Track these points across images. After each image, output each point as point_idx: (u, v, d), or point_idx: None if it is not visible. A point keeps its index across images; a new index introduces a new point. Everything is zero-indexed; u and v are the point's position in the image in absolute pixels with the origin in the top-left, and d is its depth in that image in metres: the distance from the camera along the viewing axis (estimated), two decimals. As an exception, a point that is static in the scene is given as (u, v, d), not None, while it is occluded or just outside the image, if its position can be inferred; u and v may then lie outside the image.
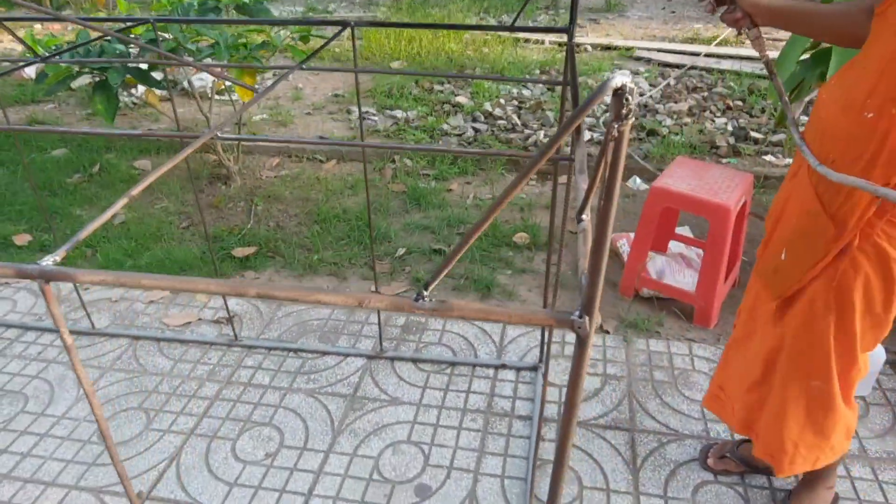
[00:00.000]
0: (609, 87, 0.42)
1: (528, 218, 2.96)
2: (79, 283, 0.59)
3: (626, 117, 0.43)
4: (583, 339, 0.55)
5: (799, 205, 1.21)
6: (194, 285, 0.59)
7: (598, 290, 0.52)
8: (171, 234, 2.94)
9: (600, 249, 0.50)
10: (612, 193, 0.47)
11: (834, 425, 1.23)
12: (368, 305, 0.57)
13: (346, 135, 3.90)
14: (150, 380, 2.13)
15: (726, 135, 3.42)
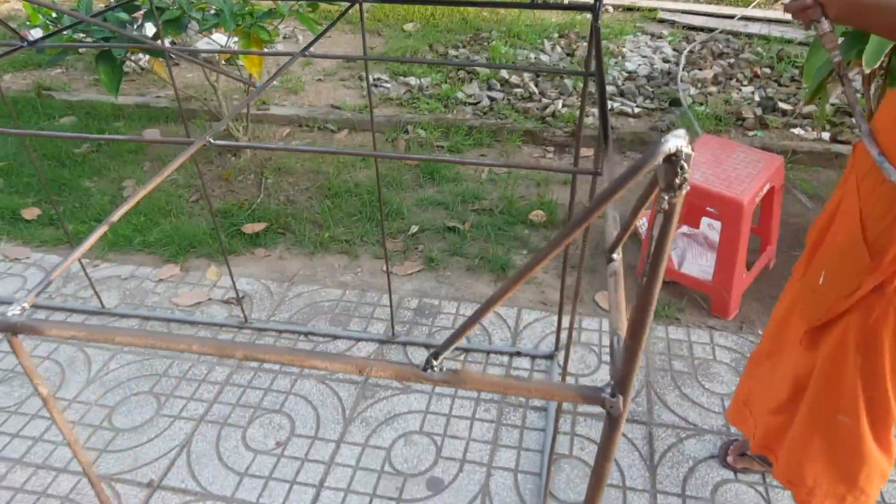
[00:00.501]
0: (661, 152, 0.34)
1: (545, 194, 2.86)
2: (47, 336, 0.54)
3: (679, 187, 0.36)
4: (614, 419, 0.48)
5: (843, 224, 1.11)
6: (175, 343, 0.53)
7: (635, 367, 0.45)
8: (180, 208, 2.89)
9: (641, 326, 0.43)
10: (657, 273, 0.40)
11: (861, 468, 1.16)
12: (371, 373, 0.50)
13: (359, 103, 3.79)
14: (161, 363, 2.11)
15: (753, 105, 3.26)
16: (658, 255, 0.39)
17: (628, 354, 0.44)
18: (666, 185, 0.36)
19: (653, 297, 0.41)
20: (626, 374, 0.45)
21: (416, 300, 2.32)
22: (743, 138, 3.04)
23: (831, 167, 2.90)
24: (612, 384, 0.47)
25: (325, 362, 0.51)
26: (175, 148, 3.37)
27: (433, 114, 3.57)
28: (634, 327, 0.43)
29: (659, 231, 0.37)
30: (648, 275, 0.40)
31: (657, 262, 0.39)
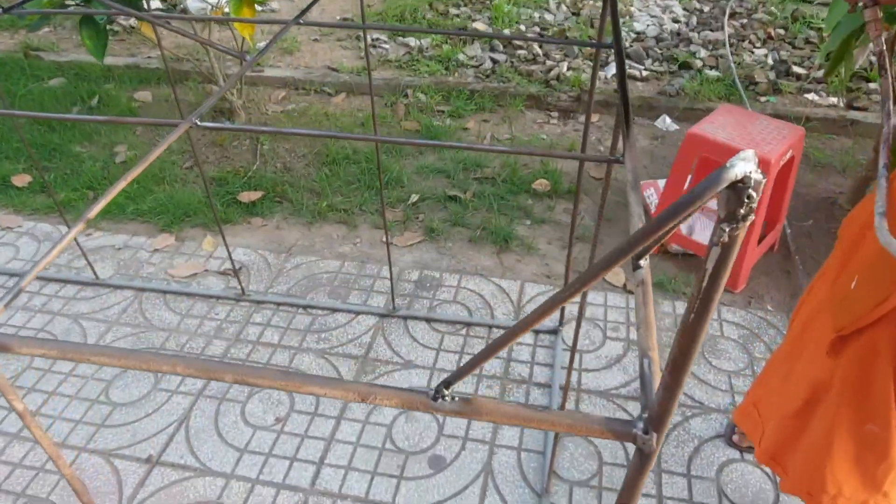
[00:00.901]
0: (725, 178, 0.29)
1: (548, 162, 2.78)
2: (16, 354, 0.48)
3: (743, 218, 0.30)
4: (646, 456, 0.43)
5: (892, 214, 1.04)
6: (155, 364, 0.47)
7: (673, 405, 0.40)
8: (174, 175, 2.81)
9: (685, 364, 0.38)
10: (708, 310, 0.34)
11: (887, 473, 1.12)
12: (375, 401, 0.45)
13: (356, 64, 3.66)
14: (157, 335, 2.07)
15: (766, 69, 3.14)
16: (711, 291, 0.33)
17: (667, 393, 0.39)
18: (727, 215, 0.30)
19: (700, 335, 0.36)
20: (662, 412, 0.40)
21: (416, 272, 2.27)
22: (755, 104, 2.94)
23: (846, 135, 2.82)
24: (645, 419, 0.42)
25: (324, 389, 0.46)
26: (168, 111, 3.27)
27: (433, 76, 3.46)
28: (676, 365, 0.38)
29: (715, 265, 0.32)
30: (698, 311, 0.34)
31: (709, 298, 0.33)
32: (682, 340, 0.36)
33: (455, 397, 0.45)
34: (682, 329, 0.36)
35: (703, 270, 0.33)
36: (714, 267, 0.32)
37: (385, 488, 1.62)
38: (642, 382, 0.46)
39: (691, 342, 0.36)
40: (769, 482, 1.56)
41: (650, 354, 0.47)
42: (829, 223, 2.33)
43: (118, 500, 1.62)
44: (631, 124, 0.74)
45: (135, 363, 0.47)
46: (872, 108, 2.86)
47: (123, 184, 0.72)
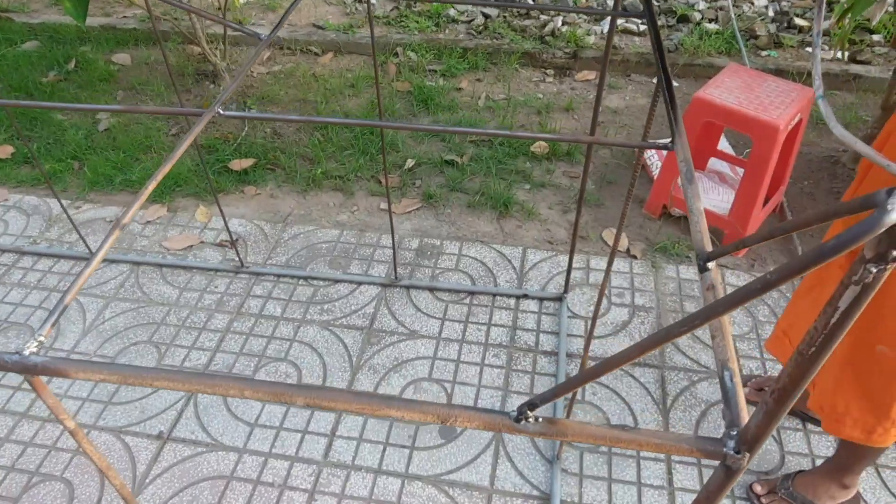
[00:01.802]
0: (885, 222, 0.27)
1: (546, 123, 2.74)
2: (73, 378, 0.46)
3: (893, 260, 0.28)
4: (732, 472, 0.43)
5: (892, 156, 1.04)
6: (223, 388, 0.46)
7: (772, 431, 0.39)
8: (160, 144, 2.73)
9: (792, 395, 0.37)
10: (831, 345, 0.33)
11: (894, 401, 1.15)
12: (456, 423, 0.44)
13: (343, 21, 3.54)
14: (157, 310, 2.04)
15: (766, 21, 3.09)
16: (838, 329, 0.32)
17: (767, 419, 0.38)
18: (876, 256, 0.28)
19: (814, 371, 0.35)
20: (759, 435, 0.40)
21: (416, 240, 2.25)
22: (756, 59, 2.90)
23: (848, 90, 2.80)
24: (737, 438, 0.42)
25: (401, 411, 0.44)
26: (149, 76, 3.14)
27: (424, 33, 3.36)
28: (784, 395, 0.37)
29: (850, 305, 0.30)
30: (819, 345, 0.33)
31: (834, 335, 0.32)
32: (796, 372, 0.35)
33: (539, 418, 0.44)
34: (797, 361, 0.35)
35: (835, 307, 0.31)
36: (849, 306, 0.31)
37: (398, 458, 1.64)
38: (725, 397, 0.46)
39: (804, 374, 0.35)
40: (775, 444, 1.61)
41: (730, 366, 0.46)
42: (831, 182, 2.33)
43: (132, 477, 1.63)
44: (677, 108, 0.72)
45: (194, 385, 0.46)
46: (876, 62, 2.83)
47: (153, 184, 0.69)
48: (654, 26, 0.87)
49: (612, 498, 1.52)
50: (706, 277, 0.54)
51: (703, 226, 0.58)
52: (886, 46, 2.93)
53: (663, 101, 0.74)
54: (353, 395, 0.45)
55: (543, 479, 1.57)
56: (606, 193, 2.39)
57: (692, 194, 0.60)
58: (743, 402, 0.44)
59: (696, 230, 0.58)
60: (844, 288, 0.30)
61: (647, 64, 2.99)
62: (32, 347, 0.50)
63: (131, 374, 0.47)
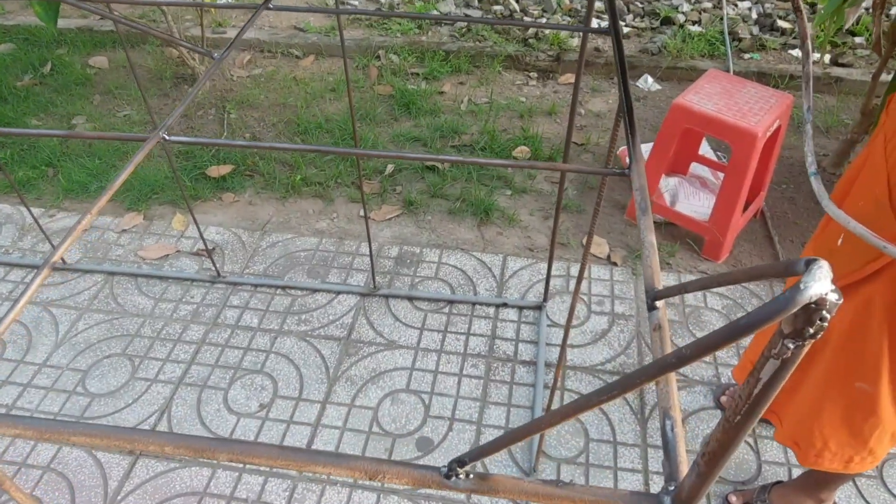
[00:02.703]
0: (799, 301, 0.25)
1: (529, 127, 2.73)
2: None
3: (811, 336, 0.27)
4: (672, 527, 0.41)
5: (867, 186, 1.03)
6: (143, 444, 0.43)
7: (705, 491, 0.38)
8: (137, 150, 2.68)
9: (721, 460, 0.35)
10: (753, 417, 0.31)
11: (873, 430, 1.14)
12: (385, 480, 0.42)
13: (325, 24, 3.50)
14: (131, 322, 2.01)
15: (749, 23, 3.08)
16: (761, 400, 0.30)
17: (699, 480, 0.37)
18: (793, 332, 0.27)
19: (742, 437, 0.33)
20: (693, 496, 0.38)
21: (396, 248, 2.23)
22: (739, 62, 2.89)
23: (830, 93, 2.79)
24: (673, 496, 0.40)
25: (328, 468, 0.42)
26: (127, 80, 3.10)
27: (406, 36, 3.33)
28: (713, 458, 0.35)
29: (770, 378, 0.29)
30: (744, 414, 0.31)
31: (758, 405, 0.30)
32: (724, 438, 0.34)
33: (470, 474, 0.42)
34: (724, 427, 0.33)
35: (756, 378, 0.30)
36: (769, 380, 0.29)
37: (374, 472, 1.62)
38: (665, 448, 0.44)
39: (732, 441, 0.33)
40: (751, 452, 1.60)
41: (672, 415, 0.45)
42: (812, 187, 2.33)
43: (104, 494, 1.60)
44: (636, 132, 0.70)
45: (122, 443, 0.43)
46: (858, 65, 2.83)
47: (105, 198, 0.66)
48: (618, 44, 0.85)
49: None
50: (653, 316, 0.52)
51: (654, 261, 0.56)
52: (868, 49, 2.93)
53: (624, 125, 0.72)
54: (278, 449, 0.43)
55: (520, 492, 1.55)
56: (588, 200, 2.38)
57: (644, 226, 0.59)
58: (683, 455, 0.43)
59: (646, 265, 0.56)
60: (765, 360, 0.29)
61: (631, 67, 2.97)
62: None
63: (48, 429, 0.44)
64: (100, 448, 1.56)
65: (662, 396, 0.46)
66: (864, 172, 1.06)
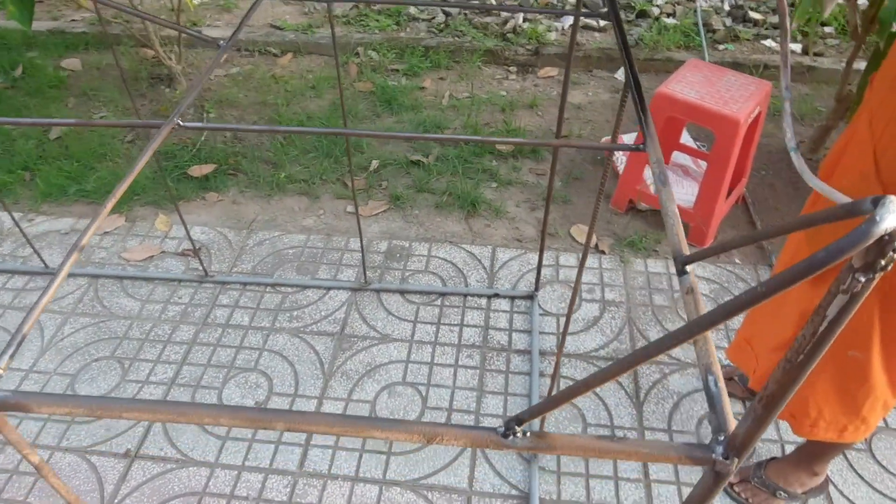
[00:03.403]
0: (874, 233, 0.27)
1: (511, 120, 2.75)
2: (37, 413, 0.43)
3: (882, 269, 0.28)
4: (721, 476, 0.43)
5: (854, 161, 1.07)
6: (199, 417, 0.43)
7: (760, 435, 0.39)
8: (115, 151, 2.64)
9: (781, 400, 0.36)
10: (819, 353, 0.33)
11: (866, 398, 1.17)
12: (442, 442, 0.43)
13: (301, 21, 3.48)
14: (119, 324, 1.98)
15: (722, 15, 3.15)
16: (826, 336, 0.32)
17: (756, 425, 0.38)
18: (864, 265, 0.28)
19: (802, 378, 0.34)
20: (748, 440, 0.39)
21: (385, 243, 2.23)
22: (714, 53, 2.95)
23: (803, 82, 2.87)
24: (725, 443, 0.41)
25: (386, 432, 0.43)
26: (101, 82, 3.04)
27: (384, 32, 3.33)
28: (772, 401, 0.36)
29: (838, 313, 0.30)
30: (808, 353, 0.33)
31: (822, 343, 0.32)
32: (785, 379, 0.35)
33: (526, 433, 0.43)
34: (785, 368, 0.35)
35: (822, 316, 0.31)
36: (836, 315, 0.30)
37: (374, 465, 1.62)
38: (710, 402, 0.45)
39: (793, 381, 0.35)
40: (744, 430, 1.64)
41: (714, 371, 0.46)
42: (791, 172, 2.39)
43: (100, 499, 1.57)
44: (648, 113, 0.71)
45: (176, 417, 0.43)
46: (829, 54, 2.92)
47: (112, 202, 0.66)
48: (619, 26, 0.86)
49: (591, 493, 1.53)
50: (685, 281, 0.53)
51: (678, 228, 0.58)
52: (839, 38, 3.02)
53: (632, 102, 0.74)
54: (335, 418, 0.43)
55: (521, 478, 1.57)
56: (573, 190, 2.40)
57: (667, 197, 0.60)
58: (728, 407, 0.44)
59: (672, 233, 0.58)
60: (832, 297, 0.30)
61: (609, 59, 3.02)
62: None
63: (100, 405, 0.44)
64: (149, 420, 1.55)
65: (702, 354, 0.48)
66: (849, 149, 1.10)
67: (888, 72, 1.01)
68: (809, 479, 1.44)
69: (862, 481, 1.55)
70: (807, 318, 1.20)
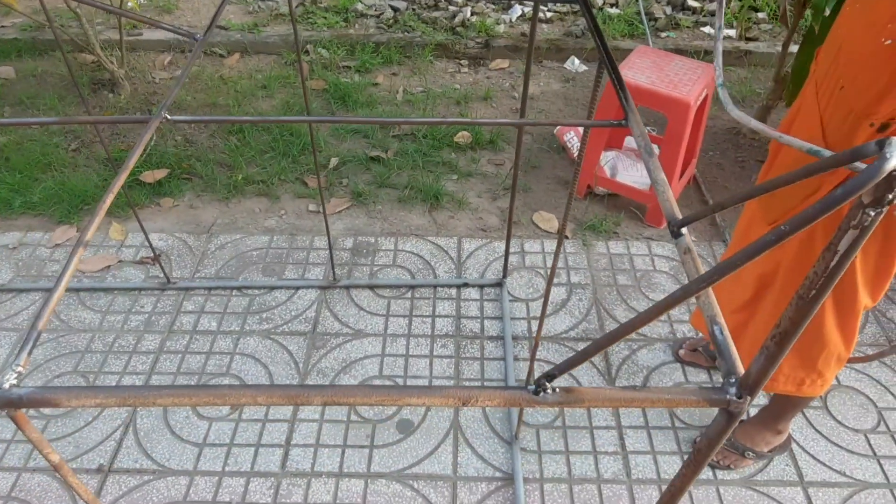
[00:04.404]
0: (885, 169, 0.30)
1: (467, 113, 2.78)
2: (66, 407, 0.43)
3: (889, 203, 0.32)
4: (734, 416, 0.46)
5: (804, 128, 1.14)
6: (237, 398, 0.44)
7: (772, 370, 0.43)
8: (60, 160, 2.54)
9: (792, 336, 0.40)
10: (830, 287, 0.36)
11: (820, 353, 1.25)
12: (476, 404, 0.45)
13: (246, 20, 3.42)
14: (80, 338, 1.91)
15: (662, 4, 3.26)
16: (837, 270, 0.35)
17: (768, 362, 0.42)
18: (874, 200, 0.31)
19: (812, 313, 0.38)
20: (760, 377, 0.43)
21: (350, 239, 2.23)
22: (657, 41, 3.06)
23: (741, 66, 3.00)
24: (737, 384, 0.45)
25: (422, 398, 0.44)
26: (38, 89, 2.92)
27: (333, 29, 3.30)
28: (785, 337, 0.40)
29: (849, 247, 0.34)
30: (819, 288, 0.36)
31: (833, 277, 0.35)
32: (797, 315, 0.38)
33: (556, 389, 0.45)
34: (798, 304, 0.38)
35: (833, 251, 0.34)
36: (847, 249, 0.34)
37: (358, 459, 1.62)
38: (718, 349, 0.49)
39: (804, 317, 0.38)
40: (711, 398, 1.72)
41: (719, 321, 0.49)
42: (736, 152, 2.51)
43: (72, 518, 1.52)
44: (626, 91, 0.75)
45: (210, 398, 0.44)
46: (763, 38, 3.06)
47: (111, 196, 0.65)
48: (589, 12, 0.90)
49: (572, 469, 1.58)
50: (681, 242, 0.57)
51: (669, 194, 0.61)
52: (771, 23, 3.17)
53: (613, 84, 0.77)
54: (369, 388, 0.45)
55: (504, 460, 1.60)
56: (532, 178, 2.45)
57: (654, 167, 0.64)
58: (736, 352, 0.47)
59: (663, 199, 0.61)
60: (843, 232, 0.33)
61: (558, 50, 3.08)
62: (12, 379, 0.46)
63: (132, 394, 0.44)
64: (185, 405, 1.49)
65: (706, 307, 0.51)
66: (798, 118, 1.17)
67: (831, 46, 1.08)
68: (774, 437, 1.53)
69: (821, 436, 1.65)
70: (765, 279, 1.27)
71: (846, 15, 1.05)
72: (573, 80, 2.99)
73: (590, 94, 2.86)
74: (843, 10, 1.07)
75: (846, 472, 1.59)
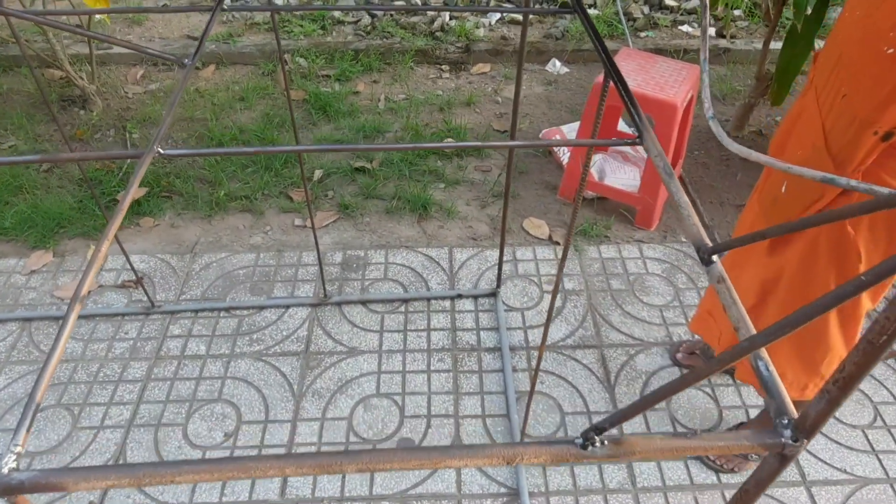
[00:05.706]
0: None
1: (450, 119, 2.75)
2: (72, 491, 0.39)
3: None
4: (787, 459, 0.44)
5: (805, 135, 1.13)
6: (261, 470, 0.41)
7: (830, 416, 0.40)
8: (32, 182, 2.46)
9: (857, 381, 0.38)
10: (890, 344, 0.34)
11: (824, 357, 1.25)
12: (523, 461, 0.42)
13: (220, 31, 3.35)
14: (61, 368, 1.85)
15: (640, 3, 3.27)
16: None
17: (829, 407, 0.39)
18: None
19: (878, 359, 0.36)
20: (819, 421, 0.41)
21: (339, 253, 2.18)
22: (637, 41, 3.06)
23: (720, 63, 3.02)
24: (791, 426, 0.43)
25: (464, 459, 0.41)
26: (3, 107, 2.82)
27: (310, 38, 3.25)
28: (849, 381, 0.38)
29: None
30: (890, 336, 0.34)
31: None
32: (863, 360, 0.36)
33: (605, 441, 0.42)
34: (865, 349, 0.36)
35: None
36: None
37: (359, 482, 1.58)
38: (766, 387, 0.46)
39: (871, 363, 0.36)
40: (712, 402, 1.71)
41: (763, 356, 0.47)
42: (721, 152, 2.51)
43: (64, 560, 1.46)
44: (637, 106, 0.73)
45: (237, 473, 0.40)
46: (741, 36, 3.08)
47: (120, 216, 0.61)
48: (587, 20, 0.88)
49: (577, 480, 1.56)
50: (713, 270, 0.55)
51: (695, 219, 0.59)
52: (747, 20, 3.20)
53: (623, 99, 0.75)
54: (408, 452, 0.42)
55: (508, 475, 1.58)
56: (520, 184, 2.43)
57: (675, 189, 0.61)
58: (786, 392, 0.45)
59: (688, 224, 0.59)
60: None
61: (539, 52, 3.07)
62: (11, 462, 0.42)
63: (147, 473, 0.40)
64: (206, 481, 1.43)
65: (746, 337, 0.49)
66: (799, 124, 1.16)
67: (830, 53, 1.07)
68: None
69: (820, 434, 1.65)
70: (767, 286, 1.26)
71: (845, 22, 1.04)
72: (555, 82, 2.98)
73: (573, 96, 2.85)
74: (841, 17, 1.06)
75: (847, 469, 1.59)
